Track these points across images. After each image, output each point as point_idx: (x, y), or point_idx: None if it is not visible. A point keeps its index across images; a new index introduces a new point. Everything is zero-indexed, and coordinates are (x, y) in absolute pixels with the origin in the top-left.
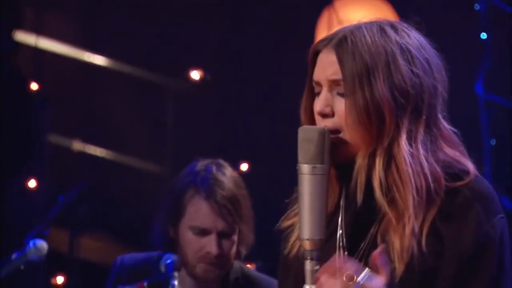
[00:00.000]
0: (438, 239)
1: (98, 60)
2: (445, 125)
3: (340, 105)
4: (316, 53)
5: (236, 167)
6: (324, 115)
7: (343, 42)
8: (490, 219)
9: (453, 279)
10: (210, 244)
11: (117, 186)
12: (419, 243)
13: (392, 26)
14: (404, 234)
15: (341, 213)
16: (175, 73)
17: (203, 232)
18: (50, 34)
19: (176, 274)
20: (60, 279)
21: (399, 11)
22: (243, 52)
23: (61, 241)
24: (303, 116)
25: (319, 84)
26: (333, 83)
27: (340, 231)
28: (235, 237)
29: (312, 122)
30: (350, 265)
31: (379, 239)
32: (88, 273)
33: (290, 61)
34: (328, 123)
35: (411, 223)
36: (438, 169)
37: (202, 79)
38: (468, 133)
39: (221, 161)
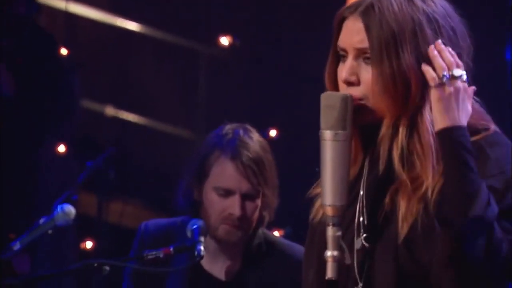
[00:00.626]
0: None
1: (129, 25)
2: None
3: (366, 73)
4: (342, 20)
5: (265, 133)
6: (349, 83)
7: (370, 9)
8: (500, 168)
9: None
10: (233, 205)
11: (149, 152)
12: (426, 207)
13: None
14: (412, 197)
15: (364, 179)
16: (205, 39)
17: (227, 193)
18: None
19: (202, 239)
20: (89, 244)
21: None
22: (273, 19)
23: (90, 206)
24: (327, 82)
25: (344, 50)
26: (360, 51)
27: (362, 192)
28: (259, 201)
29: (336, 88)
30: None
31: (387, 199)
32: (117, 237)
33: (320, 28)
34: (353, 91)
35: (424, 189)
36: None
37: (231, 45)
38: (498, 99)
39: (248, 126)
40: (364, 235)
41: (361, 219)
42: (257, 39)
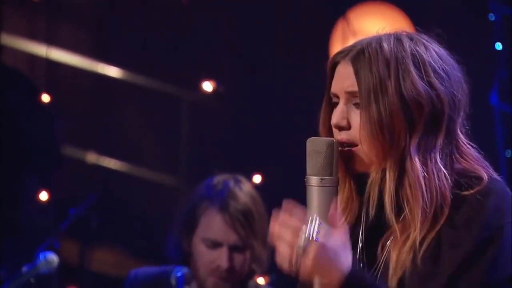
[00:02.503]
0: (438, 249)
1: (112, 71)
2: (463, 139)
3: (356, 118)
4: (334, 65)
5: (249, 179)
6: (340, 128)
7: (360, 54)
8: (494, 223)
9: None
10: (221, 258)
11: (130, 199)
12: (414, 257)
13: (410, 37)
14: (403, 248)
15: (362, 226)
16: (188, 85)
17: (215, 244)
18: (62, 45)
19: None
20: None
21: (414, 21)
22: (256, 64)
23: (72, 253)
24: (321, 128)
25: (336, 96)
26: (350, 95)
27: (361, 244)
28: (248, 253)
29: (330, 134)
30: (298, 214)
31: (379, 250)
32: (100, 286)
33: (304, 73)
34: (343, 135)
35: (414, 238)
36: (446, 184)
37: (215, 91)
38: (483, 145)
39: (240, 177)
40: None
41: (361, 264)
42: (240, 85)
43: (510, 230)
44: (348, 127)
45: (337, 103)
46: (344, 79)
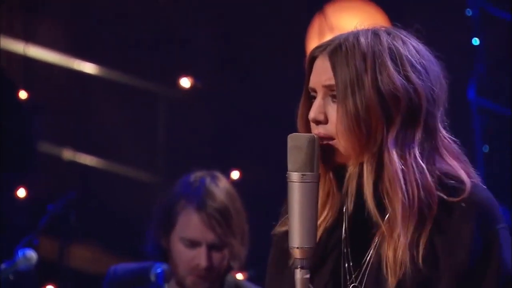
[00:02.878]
0: (433, 253)
1: (88, 68)
2: (444, 134)
3: (333, 112)
4: (313, 60)
5: (227, 175)
6: (317, 122)
7: (337, 49)
8: (486, 232)
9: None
10: (199, 256)
11: (108, 195)
12: (413, 257)
13: (387, 32)
14: (397, 247)
15: (345, 222)
16: (165, 81)
17: (193, 244)
18: (39, 42)
19: (166, 286)
20: None
21: (391, 17)
22: (234, 59)
23: (51, 250)
24: (299, 123)
25: (314, 90)
26: (327, 89)
27: (344, 242)
28: (226, 251)
29: (308, 128)
30: None
31: (372, 252)
32: (79, 282)
33: (281, 69)
34: (321, 129)
35: (405, 235)
36: (430, 179)
37: (192, 87)
38: (460, 140)
39: (216, 173)
40: (353, 284)
41: (346, 265)
42: (217, 81)
43: (504, 234)
44: (326, 121)
45: (315, 98)
46: (321, 74)
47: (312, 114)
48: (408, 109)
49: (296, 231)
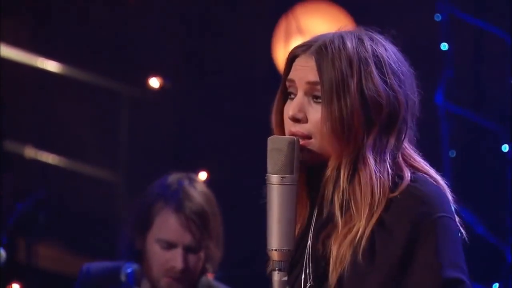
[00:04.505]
0: (372, 248)
1: (52, 66)
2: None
3: (315, 112)
4: (293, 58)
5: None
6: (296, 120)
7: (322, 49)
8: (421, 221)
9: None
10: (175, 258)
11: (70, 194)
12: (355, 253)
13: (370, 37)
14: (343, 243)
15: (312, 223)
16: (129, 80)
17: (169, 245)
18: (2, 40)
19: None
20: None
21: (358, 21)
22: (202, 59)
23: (18, 249)
24: (274, 119)
25: (293, 84)
26: (311, 86)
27: (310, 242)
28: (202, 253)
29: (283, 125)
30: None
31: (319, 245)
32: (45, 282)
33: (248, 69)
34: (298, 128)
35: (354, 233)
36: (389, 183)
37: (162, 87)
38: (427, 145)
39: (194, 176)
40: (308, 285)
41: (307, 270)
42: (183, 81)
43: (443, 223)
44: (305, 120)
45: (291, 94)
46: (305, 71)
47: (291, 112)
48: (388, 116)
49: (275, 233)
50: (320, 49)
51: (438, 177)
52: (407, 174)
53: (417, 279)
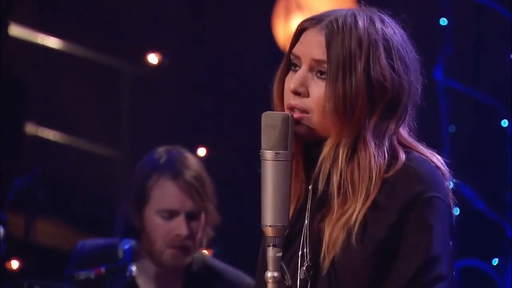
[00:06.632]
0: (364, 230)
1: (52, 42)
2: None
3: (317, 88)
4: (301, 30)
5: (193, 151)
6: (297, 93)
7: (333, 25)
8: (412, 200)
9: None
10: (179, 226)
11: (71, 170)
12: (348, 236)
13: (381, 20)
14: (336, 226)
15: (308, 203)
16: (131, 57)
17: (171, 214)
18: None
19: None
20: (15, 264)
21: None
22: (201, 36)
23: (17, 225)
24: (276, 88)
25: (299, 59)
26: (316, 63)
27: (306, 221)
28: (203, 217)
29: (282, 95)
30: None
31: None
32: (44, 258)
33: (248, 46)
34: (298, 101)
35: (348, 216)
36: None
37: (160, 63)
38: (427, 120)
39: (178, 147)
40: (306, 265)
41: (305, 249)
42: (184, 57)
43: (436, 203)
44: (306, 95)
45: (296, 66)
46: (312, 46)
47: (293, 85)
48: (391, 100)
49: (269, 209)
50: (331, 24)
51: (434, 158)
52: (402, 156)
53: (400, 266)
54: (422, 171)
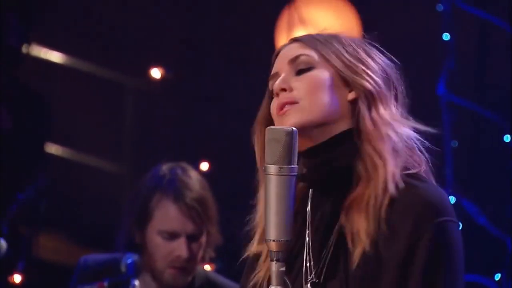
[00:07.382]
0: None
1: (56, 57)
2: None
3: (297, 82)
4: (276, 56)
5: (196, 166)
6: (282, 90)
7: (308, 36)
8: (424, 226)
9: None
10: (180, 248)
11: (74, 185)
12: (379, 226)
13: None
14: (368, 214)
15: (308, 223)
16: (135, 71)
17: (172, 235)
18: None
19: (137, 281)
20: (17, 278)
21: (361, 10)
22: (203, 50)
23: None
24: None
25: (276, 75)
26: (293, 63)
27: (308, 232)
28: (204, 239)
29: (267, 124)
30: None
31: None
32: (47, 272)
33: (251, 60)
34: (286, 95)
35: (377, 204)
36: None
37: (163, 78)
38: (429, 135)
39: (185, 164)
40: (311, 280)
41: (308, 264)
42: (186, 72)
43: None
44: (290, 90)
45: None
46: (286, 54)
47: (275, 86)
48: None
49: (273, 224)
50: (305, 35)
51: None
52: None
53: None
54: (431, 194)
